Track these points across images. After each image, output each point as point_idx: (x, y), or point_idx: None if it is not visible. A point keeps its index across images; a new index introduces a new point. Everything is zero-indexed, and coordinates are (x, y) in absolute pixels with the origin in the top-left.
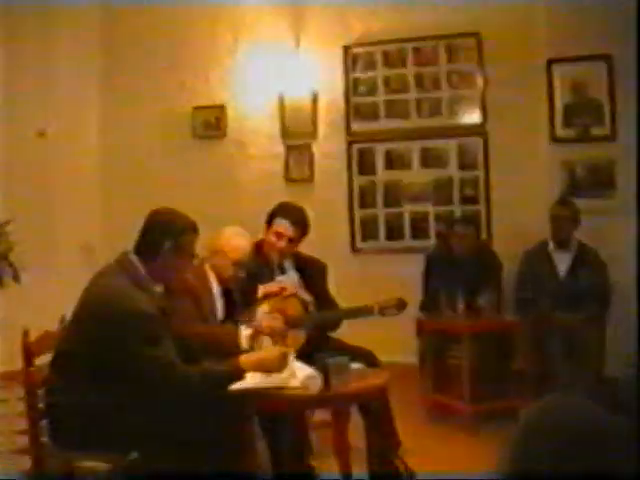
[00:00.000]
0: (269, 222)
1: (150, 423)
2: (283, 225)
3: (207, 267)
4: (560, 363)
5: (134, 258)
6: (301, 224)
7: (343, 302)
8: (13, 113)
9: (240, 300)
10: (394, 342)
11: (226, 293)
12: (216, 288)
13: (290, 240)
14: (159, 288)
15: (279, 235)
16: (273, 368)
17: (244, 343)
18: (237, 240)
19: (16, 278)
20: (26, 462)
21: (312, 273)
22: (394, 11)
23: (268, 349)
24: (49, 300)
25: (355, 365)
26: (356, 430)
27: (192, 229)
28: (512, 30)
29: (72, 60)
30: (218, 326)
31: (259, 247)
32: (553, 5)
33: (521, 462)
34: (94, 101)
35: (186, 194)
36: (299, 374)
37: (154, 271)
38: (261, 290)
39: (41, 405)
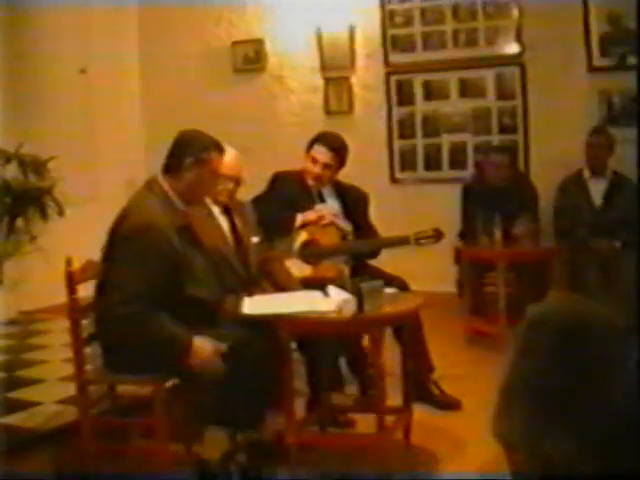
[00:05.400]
0: (308, 150)
1: None
2: (320, 151)
3: None
4: (596, 290)
5: (160, 177)
6: (338, 150)
7: (382, 232)
8: (54, 52)
9: (278, 228)
10: (433, 271)
11: (226, 210)
12: (214, 208)
13: (326, 166)
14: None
15: (315, 160)
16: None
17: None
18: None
19: (60, 212)
20: (71, 389)
21: (353, 201)
22: None
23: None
24: (93, 234)
25: (389, 290)
26: (392, 358)
27: (215, 147)
28: None
29: None
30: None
31: (299, 176)
32: None
33: (524, 352)
34: (133, 38)
35: (227, 127)
36: (334, 298)
37: (179, 188)
38: (299, 218)
39: (85, 334)
